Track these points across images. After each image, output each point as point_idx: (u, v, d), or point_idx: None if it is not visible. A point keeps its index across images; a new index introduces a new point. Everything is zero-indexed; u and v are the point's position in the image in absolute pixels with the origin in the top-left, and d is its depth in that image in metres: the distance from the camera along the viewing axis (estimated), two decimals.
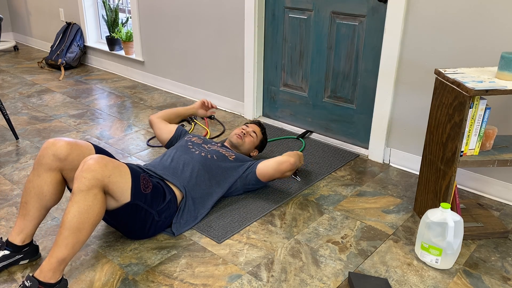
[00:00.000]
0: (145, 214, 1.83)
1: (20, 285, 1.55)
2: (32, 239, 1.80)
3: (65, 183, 1.83)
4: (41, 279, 1.54)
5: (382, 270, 1.82)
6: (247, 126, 2.54)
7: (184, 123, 3.29)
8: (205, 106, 2.64)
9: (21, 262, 1.79)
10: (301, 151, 2.75)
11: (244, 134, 2.46)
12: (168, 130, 2.51)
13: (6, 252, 1.74)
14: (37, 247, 1.83)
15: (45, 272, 1.55)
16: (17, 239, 1.75)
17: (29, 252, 1.80)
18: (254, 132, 2.51)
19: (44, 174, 1.75)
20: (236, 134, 2.47)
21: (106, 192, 1.67)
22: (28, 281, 1.53)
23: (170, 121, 2.60)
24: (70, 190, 1.82)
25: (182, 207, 2.02)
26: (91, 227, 1.61)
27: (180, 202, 2.03)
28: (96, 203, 1.60)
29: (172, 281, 1.73)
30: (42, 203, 1.76)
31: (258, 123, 2.61)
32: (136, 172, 1.80)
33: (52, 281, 1.56)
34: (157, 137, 2.55)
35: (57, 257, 1.55)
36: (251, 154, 2.53)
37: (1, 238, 1.79)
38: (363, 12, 2.66)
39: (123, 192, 1.71)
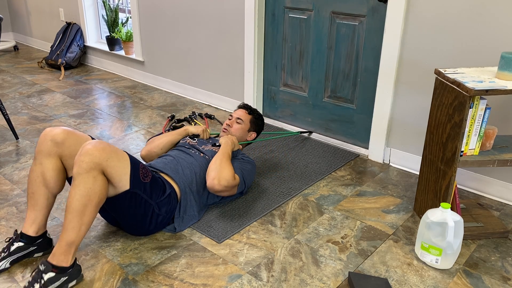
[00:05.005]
0: (145, 205, 1.84)
1: (34, 269, 1.61)
2: (46, 231, 1.85)
3: (65, 173, 1.86)
4: (53, 262, 1.60)
5: (382, 270, 1.82)
6: (231, 116, 2.48)
7: (184, 123, 3.29)
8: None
9: (35, 255, 1.82)
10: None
11: (229, 125, 2.43)
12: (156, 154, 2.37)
13: (21, 243, 1.78)
14: (50, 240, 1.87)
15: (57, 256, 1.61)
16: (30, 230, 1.79)
17: (43, 244, 1.83)
18: (239, 118, 2.44)
19: (45, 160, 1.80)
20: (221, 130, 2.46)
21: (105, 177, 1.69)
22: (42, 265, 1.59)
23: (160, 151, 2.35)
24: (70, 182, 1.84)
25: (185, 203, 2.03)
26: (94, 209, 1.64)
27: (181, 198, 2.03)
28: (97, 185, 1.63)
29: (172, 281, 1.73)
30: (48, 190, 1.81)
31: (242, 106, 2.53)
32: (135, 160, 1.82)
33: (64, 264, 1.62)
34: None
35: (66, 241, 1.61)
36: (248, 138, 2.48)
37: (16, 230, 1.82)
38: (363, 12, 2.66)
39: (121, 177, 1.72)
